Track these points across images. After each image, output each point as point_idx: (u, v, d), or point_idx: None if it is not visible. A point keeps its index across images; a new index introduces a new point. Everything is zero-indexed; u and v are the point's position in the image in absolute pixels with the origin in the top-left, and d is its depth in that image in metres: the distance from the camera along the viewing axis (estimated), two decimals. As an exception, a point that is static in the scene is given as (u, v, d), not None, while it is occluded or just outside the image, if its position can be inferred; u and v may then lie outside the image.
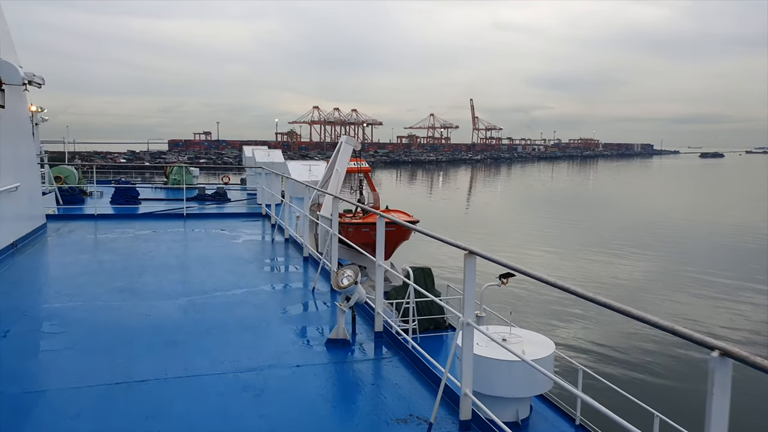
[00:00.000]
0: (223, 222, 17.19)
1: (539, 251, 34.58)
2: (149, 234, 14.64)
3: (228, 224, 16.60)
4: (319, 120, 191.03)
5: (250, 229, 15.83)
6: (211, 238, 14.21)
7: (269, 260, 12.18)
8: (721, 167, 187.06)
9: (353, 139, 16.31)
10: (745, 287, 26.61)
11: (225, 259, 11.65)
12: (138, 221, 17.12)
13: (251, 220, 17.76)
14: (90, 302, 8.43)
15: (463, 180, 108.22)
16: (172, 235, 14.67)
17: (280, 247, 13.41)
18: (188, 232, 15.31)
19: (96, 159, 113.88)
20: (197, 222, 17.11)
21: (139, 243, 13.38)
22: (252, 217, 18.54)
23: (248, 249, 13.05)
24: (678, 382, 16.20)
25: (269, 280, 10.48)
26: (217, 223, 16.77)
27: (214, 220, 17.80)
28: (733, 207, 62.30)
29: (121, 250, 12.59)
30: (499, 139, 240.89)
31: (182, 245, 13.50)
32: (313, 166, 22.65)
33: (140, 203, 22.50)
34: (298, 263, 11.63)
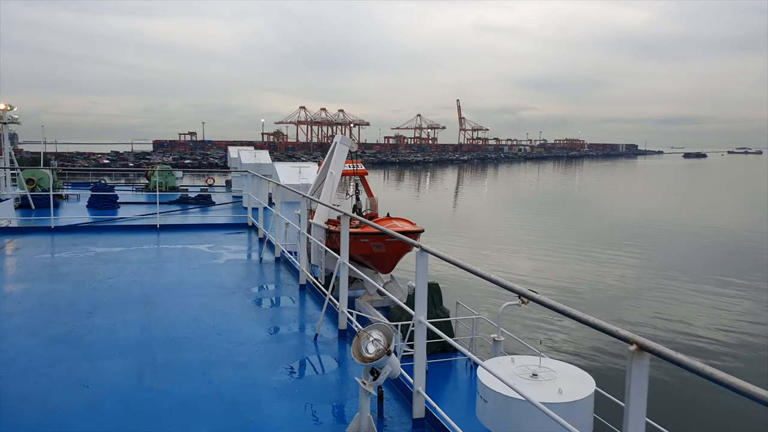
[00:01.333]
0: (203, 235, 14.79)
1: (523, 251, 34.52)
2: (113, 253, 12.33)
3: (209, 238, 14.32)
4: (305, 120, 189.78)
5: (235, 245, 13.76)
6: (187, 258, 11.92)
7: (257, 289, 9.97)
8: (705, 167, 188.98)
9: (348, 139, 14.83)
10: (727, 284, 26.76)
11: (202, 289, 9.54)
12: (103, 235, 14.59)
13: (236, 233, 15.58)
14: (8, 365, 6.13)
15: (450, 180, 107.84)
16: (140, 253, 12.39)
17: (270, 270, 11.33)
18: (161, 249, 13.09)
19: (79, 160, 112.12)
20: (173, 236, 14.71)
21: (98, 266, 11.00)
22: (237, 228, 16.23)
23: (231, 273, 10.87)
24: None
25: (257, 321, 8.18)
26: (196, 237, 14.47)
27: (193, 232, 15.34)
28: (717, 207, 62.59)
29: (73, 276, 10.20)
30: (486, 139, 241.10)
31: (151, 268, 11.07)
32: (303, 168, 21.03)
33: (119, 207, 21.46)
34: (293, 293, 9.64)
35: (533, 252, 34.63)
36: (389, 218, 13.99)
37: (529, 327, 20.24)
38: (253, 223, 15.68)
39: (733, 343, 19.82)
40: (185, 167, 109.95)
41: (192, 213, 21.94)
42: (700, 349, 18.94)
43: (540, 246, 36.33)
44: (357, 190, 15.94)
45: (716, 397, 13.69)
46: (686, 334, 20.43)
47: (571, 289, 25.80)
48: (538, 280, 26.87)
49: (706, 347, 19.22)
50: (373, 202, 16.14)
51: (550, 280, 27.40)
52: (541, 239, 39.03)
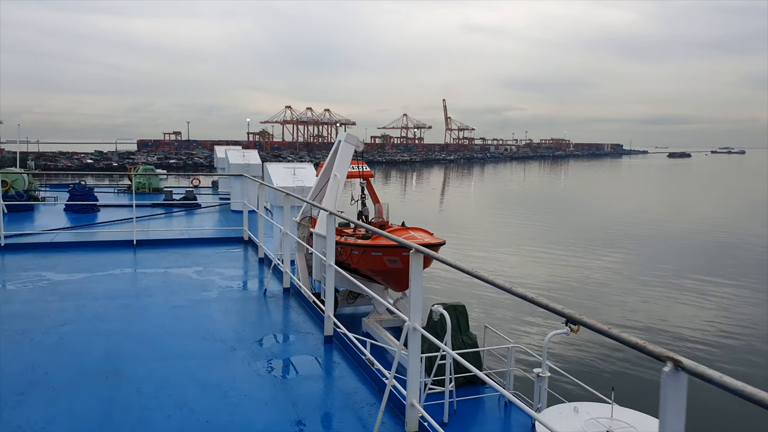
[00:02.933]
0: (189, 254, 12.12)
1: (510, 251, 34.52)
2: (74, 282, 9.60)
3: (196, 257, 11.75)
4: (291, 120, 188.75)
5: (229, 267, 11.07)
6: (169, 291, 9.26)
7: (266, 343, 7.07)
8: (689, 167, 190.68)
9: (354, 137, 12.89)
10: (714, 282, 26.92)
11: (190, 344, 6.83)
12: (66, 255, 11.71)
13: (229, 248, 12.88)
14: None
15: (437, 180, 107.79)
16: (110, 282, 9.71)
17: (278, 308, 8.68)
18: (137, 276, 10.46)
19: (62, 159, 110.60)
20: (153, 254, 12.04)
21: (49, 304, 8.28)
22: (230, 244, 13.41)
23: (228, 314, 8.27)
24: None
25: (274, 404, 5.44)
26: (181, 257, 11.86)
27: (177, 249, 12.52)
28: (705, 206, 63.01)
29: (9, 324, 7.39)
30: (472, 139, 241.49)
31: (121, 308, 8.29)
32: (297, 168, 18.51)
33: (98, 211, 20.67)
34: (316, 349, 6.90)
35: (520, 251, 34.58)
36: (405, 228, 11.75)
37: (574, 356, 17.59)
38: (249, 237, 13.29)
39: (727, 341, 19.77)
40: (170, 167, 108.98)
41: (176, 218, 20.65)
42: (692, 347, 18.97)
43: (527, 245, 36.29)
44: (363, 195, 13.85)
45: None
46: (672, 332, 20.39)
47: (559, 289, 25.73)
48: (526, 280, 26.74)
49: (698, 346, 19.18)
50: (379, 208, 14.19)
51: (538, 279, 27.40)
52: (528, 239, 39.02)
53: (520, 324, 19.76)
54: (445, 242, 11.00)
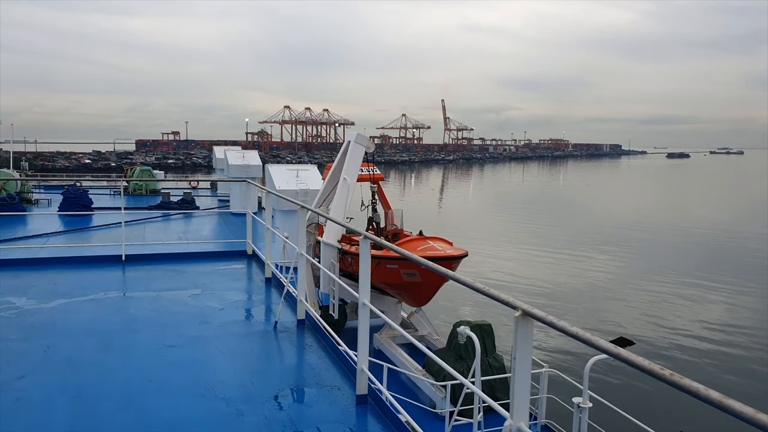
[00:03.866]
0: (185, 271, 10.74)
1: (508, 251, 34.50)
2: (47, 311, 8.10)
3: (194, 276, 10.37)
4: (290, 120, 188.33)
5: (231, 290, 9.66)
6: (161, 321, 7.85)
7: (282, 406, 5.54)
8: (688, 167, 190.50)
9: (365, 138, 11.92)
10: (711, 283, 26.94)
11: (181, 405, 5.42)
12: (44, 273, 10.27)
13: (231, 264, 11.52)
14: None
15: (435, 180, 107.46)
16: (90, 311, 8.21)
17: (291, 347, 7.15)
18: (124, 301, 8.89)
19: (59, 159, 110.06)
20: (144, 272, 10.60)
21: (11, 344, 6.79)
22: (232, 258, 12.02)
23: (231, 357, 6.70)
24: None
25: None
26: (176, 276, 10.43)
27: (171, 266, 11.13)
28: (702, 207, 62.83)
29: None
30: (471, 139, 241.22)
31: (100, 346, 6.82)
32: (301, 170, 17.34)
33: (93, 212, 20.15)
34: (346, 413, 5.49)
35: (517, 252, 34.54)
36: (422, 237, 10.58)
37: (621, 385, 15.98)
38: (253, 250, 11.96)
39: (719, 340, 19.67)
40: (168, 167, 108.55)
41: (173, 223, 19.93)
42: (683, 347, 18.83)
43: (525, 246, 36.23)
44: (374, 200, 12.57)
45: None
46: (670, 332, 20.32)
47: (554, 289, 25.73)
48: (523, 281, 26.72)
49: (692, 345, 19.09)
50: (390, 214, 12.93)
51: (535, 280, 27.27)
52: (526, 240, 38.98)
53: (554, 344, 18.25)
54: (468, 254, 9.86)
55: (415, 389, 9.04)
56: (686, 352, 18.89)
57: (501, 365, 9.05)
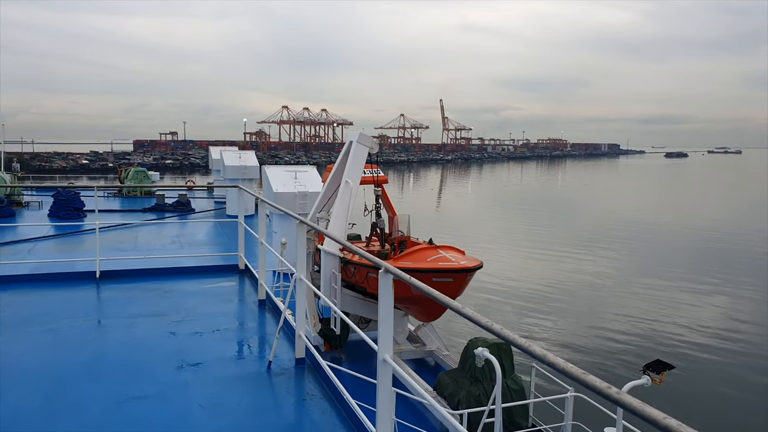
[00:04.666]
0: (168, 291, 9.43)
1: (507, 251, 34.52)
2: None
3: (176, 299, 9.09)
4: (288, 120, 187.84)
5: (219, 316, 8.40)
6: (130, 362, 6.57)
7: None
8: (686, 167, 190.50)
9: (368, 137, 11.00)
10: (707, 282, 27.16)
11: None
12: (8, 291, 9.11)
13: (220, 281, 10.25)
14: None
15: (434, 180, 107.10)
16: (46, 346, 6.96)
17: (289, 397, 5.97)
18: (90, 329, 7.70)
19: (57, 160, 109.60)
20: (119, 293, 9.22)
21: None
22: (222, 274, 10.77)
23: (213, 413, 5.45)
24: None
25: None
26: (156, 295, 9.18)
27: (151, 282, 9.80)
28: (700, 206, 62.64)
29: None
30: (470, 139, 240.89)
31: (49, 398, 5.60)
32: (299, 172, 16.46)
33: (85, 216, 19.61)
34: None
35: (516, 251, 34.55)
36: (432, 246, 9.33)
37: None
38: (246, 265, 10.70)
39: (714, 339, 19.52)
40: (166, 167, 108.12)
41: (165, 228, 19.13)
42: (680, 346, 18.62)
43: (523, 246, 36.29)
44: (378, 205, 11.47)
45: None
46: (665, 329, 20.23)
47: (554, 287, 25.77)
48: (521, 279, 26.78)
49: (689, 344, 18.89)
50: (397, 221, 11.75)
51: (534, 278, 27.35)
52: (525, 239, 38.98)
53: (580, 363, 16.59)
54: (483, 265, 8.62)
55: (424, 411, 8.36)
56: (684, 349, 18.78)
57: (520, 388, 8.10)
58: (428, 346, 10.61)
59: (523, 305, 22.49)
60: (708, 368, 17.59)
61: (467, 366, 7.87)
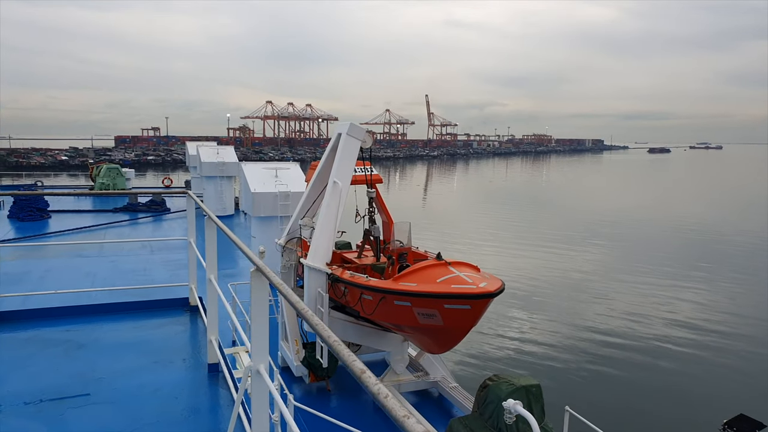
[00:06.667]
0: (84, 338, 6.90)
1: (493, 245, 34.66)
2: None
3: (90, 355, 6.41)
4: (272, 115, 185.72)
5: (143, 395, 5.51)
6: None
7: None
8: (669, 162, 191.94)
9: (361, 129, 9.17)
10: (688, 276, 27.52)
11: None
12: None
13: (162, 322, 7.54)
14: None
15: (420, 176, 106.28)
16: None
17: None
18: None
19: (34, 156, 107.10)
20: (15, 342, 6.74)
21: None
22: (166, 311, 7.93)
23: None
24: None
25: None
26: (62, 351, 6.48)
27: (66, 326, 7.28)
28: (685, 202, 62.62)
29: None
30: (455, 135, 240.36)
31: None
32: (280, 169, 14.81)
33: (49, 218, 18.05)
34: None
35: (501, 246, 34.61)
36: (443, 263, 7.40)
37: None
38: (199, 300, 7.88)
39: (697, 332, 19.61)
40: (148, 164, 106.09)
41: (123, 236, 16.98)
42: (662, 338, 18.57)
43: (508, 240, 36.38)
44: (372, 209, 9.64)
45: None
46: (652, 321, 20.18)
47: (538, 282, 25.69)
48: (507, 273, 26.50)
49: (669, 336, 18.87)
50: (388, 226, 10.13)
51: (520, 273, 27.15)
52: (509, 234, 39.09)
53: (622, 405, 14.12)
54: (504, 287, 6.89)
55: None
56: (666, 342, 18.74)
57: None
58: (432, 376, 9.20)
59: (509, 301, 21.92)
60: (690, 357, 17.56)
61: (487, 414, 6.38)
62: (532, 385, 6.60)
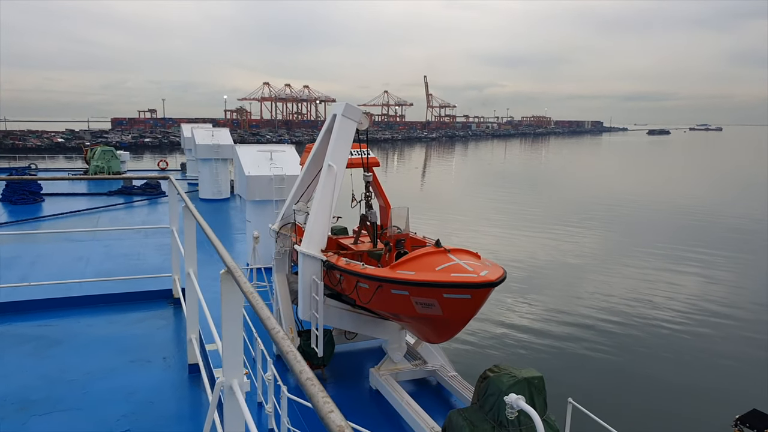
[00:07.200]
0: (60, 332, 6.53)
1: (491, 228, 34.60)
2: None
3: (66, 352, 6.03)
4: (269, 97, 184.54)
5: (115, 400, 5.07)
6: None
7: None
8: (669, 144, 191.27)
9: (357, 110, 8.84)
10: (686, 258, 27.54)
11: None
12: None
13: (144, 316, 7.13)
14: None
15: (418, 158, 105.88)
16: None
17: None
18: None
19: (30, 138, 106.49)
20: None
21: None
22: (149, 304, 7.50)
23: None
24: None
25: None
26: (33, 349, 6.07)
27: (40, 320, 6.86)
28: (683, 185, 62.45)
29: None
30: (454, 116, 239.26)
31: None
32: (275, 152, 14.63)
33: (42, 201, 17.88)
34: None
35: (500, 229, 34.52)
36: (442, 250, 7.09)
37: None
38: (181, 291, 7.20)
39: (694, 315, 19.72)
40: (145, 146, 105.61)
41: (114, 220, 16.66)
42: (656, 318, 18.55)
43: (507, 223, 36.33)
44: (368, 194, 9.31)
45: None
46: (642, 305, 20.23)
47: (539, 267, 25.53)
48: (509, 258, 26.39)
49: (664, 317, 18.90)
50: (386, 210, 9.83)
51: (520, 258, 27.04)
52: (508, 216, 38.99)
53: (628, 397, 14.02)
54: (506, 275, 6.57)
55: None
56: (674, 331, 18.54)
57: (554, 429, 6.41)
58: (430, 364, 8.98)
59: (510, 286, 21.74)
60: (687, 338, 17.57)
61: (488, 406, 6.14)
62: (535, 377, 6.34)
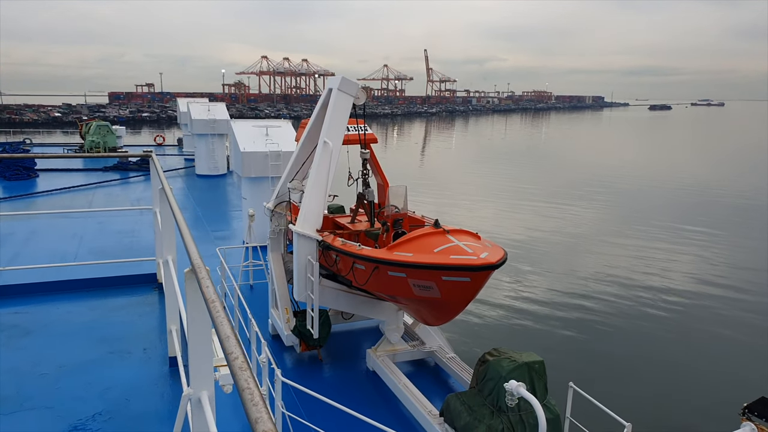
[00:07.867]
0: (28, 325, 6.08)
1: (491, 204, 34.57)
2: None
3: (37, 340, 5.71)
4: (268, 71, 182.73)
5: (90, 397, 4.83)
6: None
7: None
8: (670, 119, 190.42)
9: (353, 84, 8.49)
10: (686, 234, 27.58)
11: None
12: None
13: (127, 301, 6.86)
14: None
15: (418, 134, 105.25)
16: None
17: None
18: None
19: (27, 112, 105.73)
20: None
21: None
22: (132, 288, 7.23)
23: None
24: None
25: None
26: (6, 336, 5.76)
27: (15, 306, 6.44)
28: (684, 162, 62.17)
29: None
30: (454, 91, 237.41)
31: None
32: (271, 127, 14.23)
33: (36, 177, 17.58)
34: None
35: (500, 205, 34.51)
36: (441, 231, 6.80)
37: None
38: (163, 278, 6.73)
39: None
40: (143, 121, 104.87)
41: (108, 197, 16.24)
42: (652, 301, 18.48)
43: (507, 199, 36.23)
44: (365, 171, 9.01)
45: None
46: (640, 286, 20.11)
47: (541, 246, 25.41)
48: (509, 237, 26.27)
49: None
50: (383, 188, 9.57)
51: (520, 236, 26.93)
52: (507, 192, 38.81)
53: (630, 383, 13.75)
54: (507, 257, 6.25)
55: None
56: (680, 315, 18.30)
57: (555, 416, 6.20)
58: (428, 345, 8.86)
59: (510, 265, 21.55)
60: (686, 318, 17.50)
61: (486, 391, 5.98)
62: (535, 362, 6.12)
